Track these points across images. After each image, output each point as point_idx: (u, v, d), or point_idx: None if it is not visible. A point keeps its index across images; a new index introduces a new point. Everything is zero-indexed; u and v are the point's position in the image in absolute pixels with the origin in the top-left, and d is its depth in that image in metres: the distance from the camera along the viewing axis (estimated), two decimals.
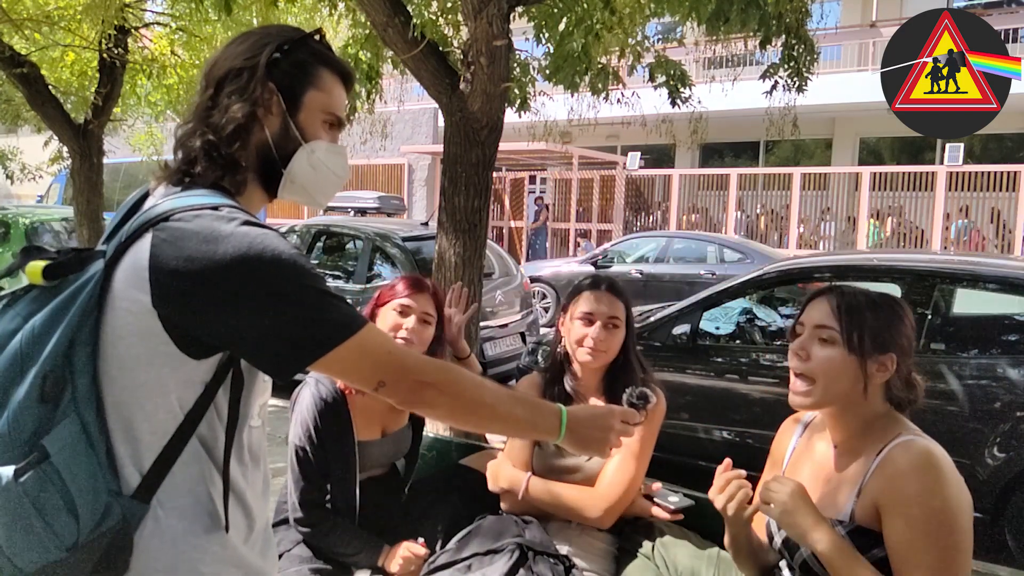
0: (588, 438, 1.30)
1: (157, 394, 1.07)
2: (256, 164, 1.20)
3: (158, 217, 1.07)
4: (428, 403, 1.18)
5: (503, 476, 2.02)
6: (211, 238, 1.04)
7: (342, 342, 1.08)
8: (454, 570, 1.85)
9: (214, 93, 1.17)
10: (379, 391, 1.14)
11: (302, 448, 1.97)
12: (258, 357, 1.10)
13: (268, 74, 1.18)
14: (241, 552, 1.16)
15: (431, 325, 2.09)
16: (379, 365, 1.13)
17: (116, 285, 1.07)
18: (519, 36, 4.61)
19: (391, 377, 1.14)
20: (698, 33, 4.80)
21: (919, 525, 1.33)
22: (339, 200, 14.95)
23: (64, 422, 1.03)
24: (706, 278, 9.38)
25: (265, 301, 1.05)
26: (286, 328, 1.06)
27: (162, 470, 1.08)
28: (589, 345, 1.99)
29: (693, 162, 18.01)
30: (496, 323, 6.32)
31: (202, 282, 1.03)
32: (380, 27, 3.94)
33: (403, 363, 1.15)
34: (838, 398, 1.46)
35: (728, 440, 4.18)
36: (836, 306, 1.46)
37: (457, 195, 4.09)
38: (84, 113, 8.13)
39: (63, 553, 1.02)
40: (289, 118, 1.20)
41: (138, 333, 1.06)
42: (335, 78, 1.25)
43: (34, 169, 15.14)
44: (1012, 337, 4.33)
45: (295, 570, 1.93)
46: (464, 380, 1.21)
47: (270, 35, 1.21)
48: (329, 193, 1.28)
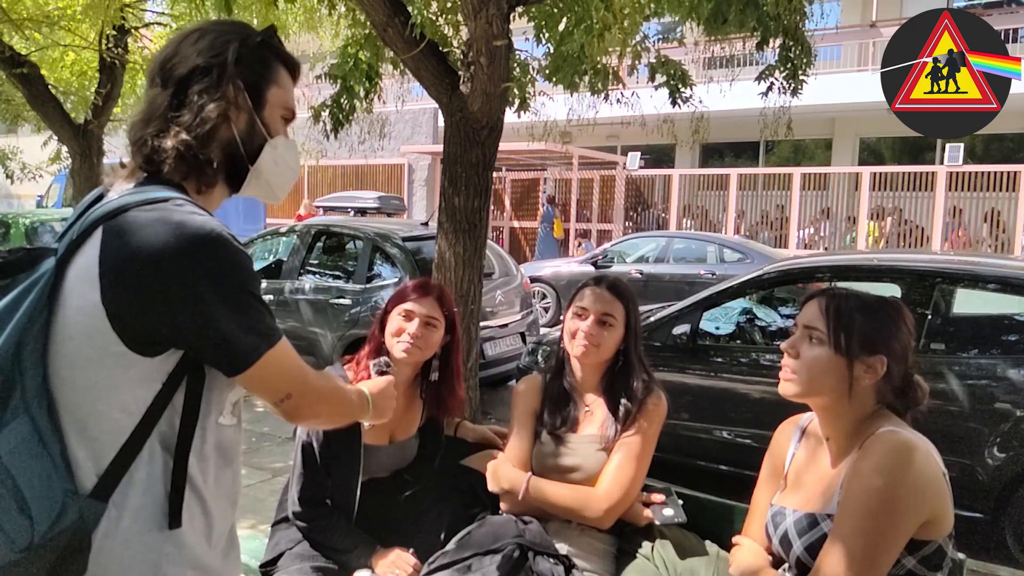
0: (382, 407, 1.50)
1: (109, 394, 1.06)
2: (223, 162, 1.20)
3: (110, 213, 1.07)
4: (317, 415, 1.26)
5: (503, 476, 2.02)
6: (159, 231, 1.04)
7: (268, 351, 1.11)
8: (454, 570, 1.84)
9: (176, 92, 1.16)
10: (282, 404, 1.16)
11: (308, 444, 1.99)
12: (201, 353, 1.10)
13: (235, 72, 1.17)
14: (198, 552, 1.14)
15: (438, 329, 2.10)
16: (292, 378, 1.17)
17: (67, 283, 1.07)
18: (519, 36, 4.61)
19: (298, 390, 1.17)
20: (697, 33, 4.80)
21: (855, 494, 1.36)
22: (339, 200, 14.97)
23: (13, 423, 1.02)
24: (706, 278, 9.38)
25: (205, 298, 1.05)
26: (223, 329, 1.07)
27: (120, 469, 1.07)
28: (580, 339, 2.00)
29: (693, 162, 18.00)
30: (496, 323, 6.32)
31: (146, 274, 1.03)
32: (380, 27, 3.94)
33: (306, 378, 1.19)
34: (822, 392, 1.49)
35: (728, 440, 4.18)
36: (825, 308, 1.49)
37: (457, 195, 4.09)
38: (84, 113, 8.14)
39: (18, 554, 1.01)
40: (255, 115, 1.21)
41: (87, 333, 1.05)
42: (287, 73, 1.27)
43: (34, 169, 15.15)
44: (1012, 337, 4.33)
45: (296, 568, 1.93)
46: (337, 388, 1.30)
47: (228, 32, 1.21)
48: (287, 187, 1.30)
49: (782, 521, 1.52)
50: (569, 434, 2.01)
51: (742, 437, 4.12)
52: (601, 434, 1.98)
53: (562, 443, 2.00)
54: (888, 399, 1.48)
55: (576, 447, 1.99)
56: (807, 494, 1.52)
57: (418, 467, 2.18)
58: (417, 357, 2.07)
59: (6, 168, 16.34)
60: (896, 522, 1.33)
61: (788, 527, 1.50)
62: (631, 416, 1.97)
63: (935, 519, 1.36)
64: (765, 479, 1.70)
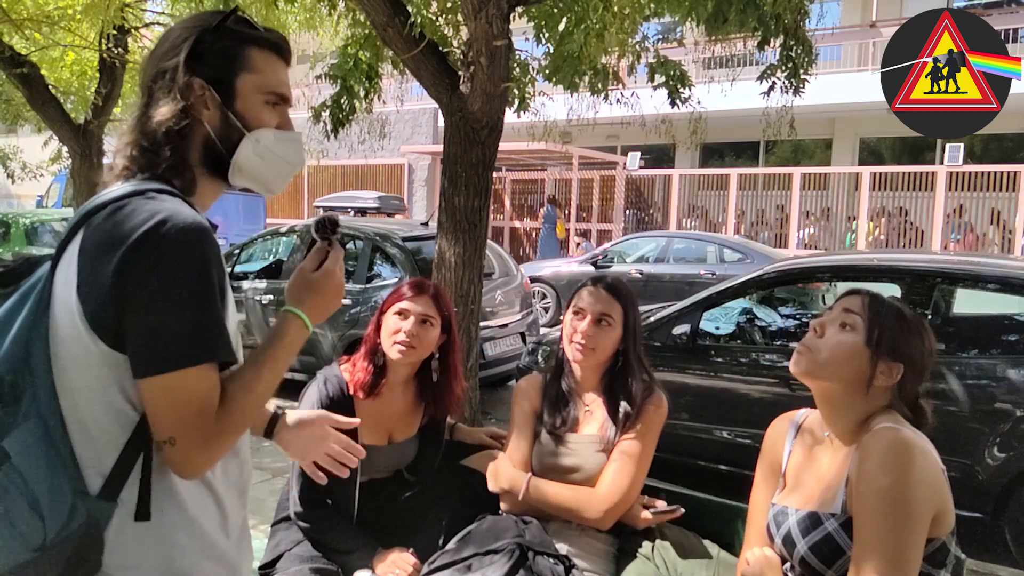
0: (318, 307, 1.24)
1: (103, 394, 1.06)
2: (203, 159, 1.18)
3: (92, 209, 1.08)
4: (213, 457, 1.09)
5: (503, 476, 2.02)
6: (127, 222, 1.03)
7: (182, 368, 1.02)
8: (454, 570, 1.84)
9: (147, 99, 1.16)
10: (163, 446, 1.05)
11: None
12: (127, 348, 1.04)
13: (191, 68, 1.14)
14: (214, 543, 1.14)
15: (434, 327, 2.09)
16: (184, 418, 1.03)
17: (56, 284, 1.07)
18: (519, 36, 4.61)
19: (185, 437, 1.04)
20: (697, 33, 4.80)
21: (868, 501, 1.35)
22: (339, 200, 14.97)
23: (25, 424, 1.03)
24: (706, 278, 9.38)
25: (145, 288, 1.01)
26: (150, 322, 1.02)
27: (125, 467, 1.07)
28: (577, 340, 2.00)
29: (693, 162, 17.99)
30: (496, 323, 6.32)
31: (106, 263, 1.02)
32: (380, 27, 3.94)
33: (204, 425, 1.05)
34: (835, 379, 1.48)
35: (728, 440, 4.18)
36: (867, 301, 1.51)
37: (457, 195, 4.09)
38: (84, 113, 8.14)
39: (32, 554, 1.02)
40: (226, 109, 1.17)
41: (72, 334, 1.05)
42: (267, 54, 1.19)
43: (34, 168, 15.16)
44: (1012, 337, 4.33)
45: (296, 570, 1.93)
46: (243, 406, 1.11)
47: (187, 28, 1.18)
48: (282, 181, 1.25)
49: (784, 521, 1.52)
50: (569, 434, 2.01)
51: (742, 437, 4.12)
52: (601, 435, 1.98)
53: (562, 443, 2.00)
54: (896, 408, 1.48)
55: (576, 447, 1.99)
56: (809, 492, 1.52)
57: (418, 467, 2.17)
58: (413, 357, 2.07)
59: (6, 168, 16.36)
60: (913, 516, 1.33)
61: (791, 527, 1.50)
62: (631, 417, 1.97)
63: (939, 515, 1.37)
64: (761, 480, 1.69)
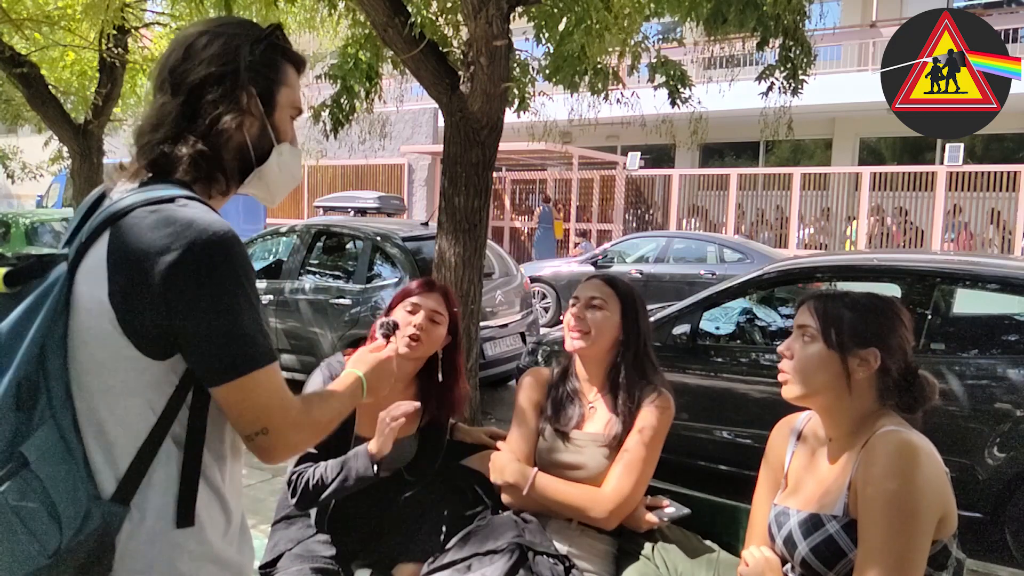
0: (376, 386, 1.38)
1: (126, 397, 1.06)
2: (235, 167, 1.20)
3: (118, 213, 1.07)
4: (294, 450, 1.18)
5: (509, 470, 2.01)
6: (164, 230, 1.03)
7: (254, 370, 1.07)
8: (454, 570, 1.84)
9: (188, 100, 1.14)
10: (256, 439, 1.10)
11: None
12: (190, 355, 1.07)
13: (248, 79, 1.16)
14: (218, 547, 1.15)
15: (441, 325, 2.11)
16: (272, 411, 1.10)
17: (79, 287, 1.06)
18: (519, 36, 4.61)
19: (276, 426, 1.10)
20: (697, 33, 4.80)
21: (874, 504, 1.36)
22: (339, 200, 14.97)
23: (42, 428, 1.03)
24: (706, 278, 9.38)
25: (201, 299, 1.04)
26: (213, 333, 1.05)
27: (139, 472, 1.07)
28: (569, 324, 2.01)
29: (693, 162, 17.99)
30: (496, 323, 6.32)
31: (149, 272, 1.02)
32: (380, 27, 3.94)
33: (287, 414, 1.12)
34: (821, 390, 1.50)
35: (728, 440, 4.18)
36: (815, 307, 1.54)
37: (457, 195, 4.09)
38: (84, 113, 8.13)
39: (48, 559, 1.01)
40: (266, 119, 1.20)
41: (99, 337, 1.05)
42: (294, 71, 1.25)
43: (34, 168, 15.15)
44: (1012, 337, 4.33)
45: (296, 570, 1.93)
46: (317, 417, 1.20)
47: (237, 35, 1.18)
48: (285, 193, 1.29)
49: (786, 521, 1.52)
50: (573, 431, 2.01)
51: (742, 437, 4.12)
52: (606, 433, 1.97)
53: (566, 440, 2.00)
54: (891, 397, 1.48)
55: (580, 445, 1.99)
56: (810, 494, 1.52)
57: (418, 467, 2.17)
58: (420, 352, 2.08)
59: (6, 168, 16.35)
60: (919, 520, 1.33)
61: (792, 527, 1.50)
62: (636, 417, 1.96)
63: (942, 518, 1.37)
64: (764, 481, 1.70)
